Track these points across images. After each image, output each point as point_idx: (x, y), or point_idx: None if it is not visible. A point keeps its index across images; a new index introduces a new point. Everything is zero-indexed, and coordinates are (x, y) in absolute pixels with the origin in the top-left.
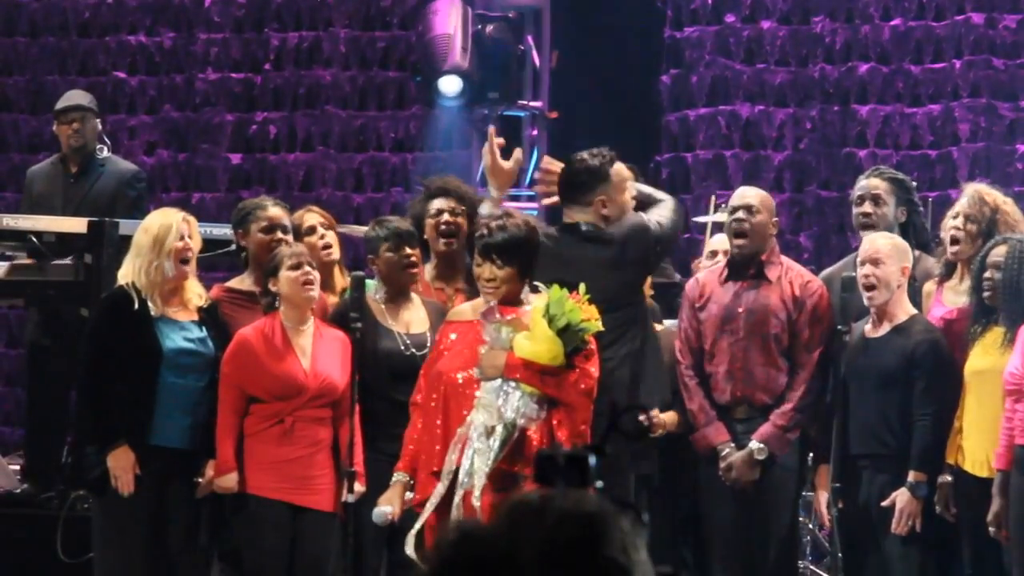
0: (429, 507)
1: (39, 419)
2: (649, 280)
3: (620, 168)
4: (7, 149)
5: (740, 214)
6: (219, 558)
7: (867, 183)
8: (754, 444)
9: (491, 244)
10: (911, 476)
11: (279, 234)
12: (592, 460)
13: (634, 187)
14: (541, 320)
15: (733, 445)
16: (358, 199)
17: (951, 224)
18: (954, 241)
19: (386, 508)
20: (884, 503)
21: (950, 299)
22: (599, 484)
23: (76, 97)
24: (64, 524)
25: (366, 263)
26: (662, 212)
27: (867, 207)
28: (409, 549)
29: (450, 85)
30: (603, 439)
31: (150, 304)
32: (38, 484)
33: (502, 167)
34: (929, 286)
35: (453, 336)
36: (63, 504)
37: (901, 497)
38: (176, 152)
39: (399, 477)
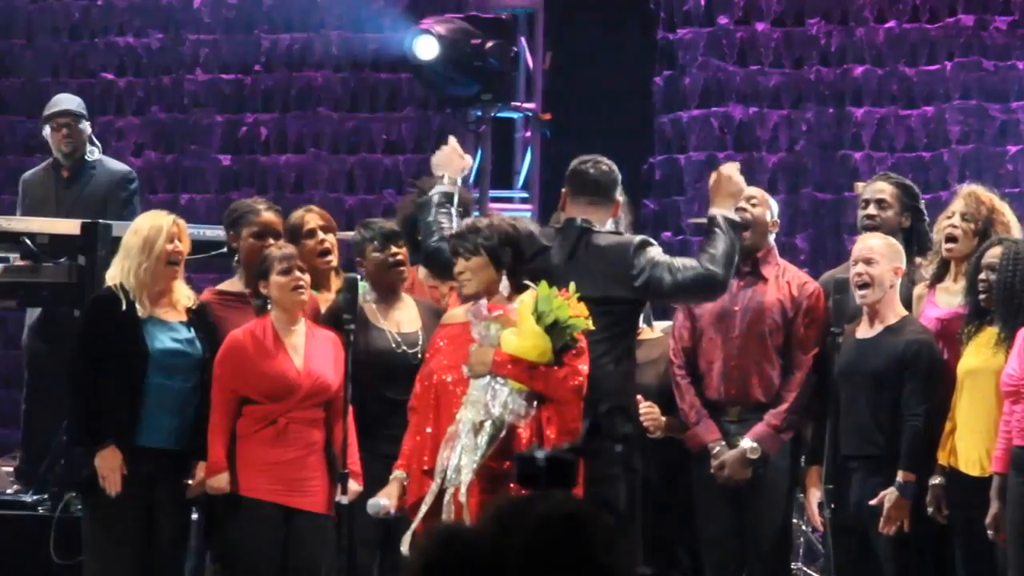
0: (424, 506)
1: (34, 421)
2: None
3: None
4: (3, 151)
5: (741, 204)
6: (212, 560)
7: (873, 187)
8: (747, 443)
9: (454, 238)
10: (900, 476)
11: (271, 240)
12: (573, 462)
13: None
14: (528, 316)
15: (724, 443)
16: (350, 201)
17: (947, 223)
18: (950, 239)
19: (383, 500)
20: (872, 502)
21: (943, 300)
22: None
23: (64, 102)
24: (57, 525)
25: (356, 266)
26: (682, 265)
27: (871, 210)
28: (405, 548)
29: (426, 49)
30: (585, 439)
31: (138, 305)
32: (32, 486)
33: (459, 156)
34: (920, 289)
35: (443, 342)
36: (56, 506)
37: (889, 497)
38: (164, 154)
39: (397, 474)
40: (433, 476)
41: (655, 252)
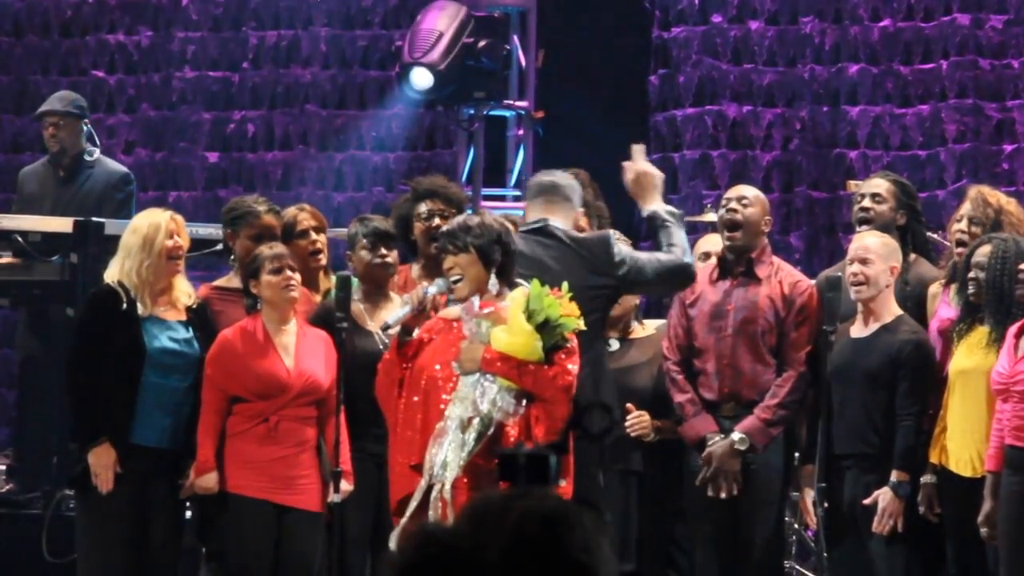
0: (413, 502)
1: (26, 419)
2: None
3: None
4: None
5: (733, 204)
6: (206, 558)
7: (870, 182)
8: (736, 435)
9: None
10: (894, 475)
11: (268, 243)
12: (552, 459)
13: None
14: (519, 314)
15: (721, 436)
16: (339, 198)
17: (956, 228)
18: (960, 244)
19: (402, 310)
20: (866, 501)
21: (956, 301)
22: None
23: (52, 102)
24: (49, 524)
25: (345, 259)
26: (655, 256)
27: (867, 203)
28: (393, 545)
29: (422, 78)
30: (564, 437)
31: (138, 304)
32: (24, 484)
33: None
34: (935, 287)
35: (430, 335)
36: (48, 504)
37: (883, 496)
38: (154, 151)
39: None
40: (421, 472)
41: (627, 247)
